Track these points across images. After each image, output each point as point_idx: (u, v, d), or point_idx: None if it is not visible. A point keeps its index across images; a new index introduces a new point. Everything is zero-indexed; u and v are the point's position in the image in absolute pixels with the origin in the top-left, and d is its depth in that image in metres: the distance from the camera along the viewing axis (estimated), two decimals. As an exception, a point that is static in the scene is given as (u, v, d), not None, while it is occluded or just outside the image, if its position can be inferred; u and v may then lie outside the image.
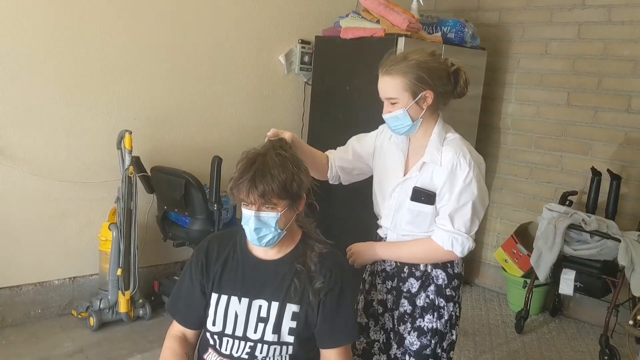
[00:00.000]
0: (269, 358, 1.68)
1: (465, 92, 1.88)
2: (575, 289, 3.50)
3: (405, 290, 1.96)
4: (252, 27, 3.93)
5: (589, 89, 3.90)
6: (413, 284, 1.94)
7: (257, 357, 1.68)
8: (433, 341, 1.94)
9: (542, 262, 3.50)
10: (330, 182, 2.10)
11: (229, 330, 1.70)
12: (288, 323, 1.67)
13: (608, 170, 3.63)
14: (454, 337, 1.98)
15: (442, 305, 1.93)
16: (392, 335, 2.01)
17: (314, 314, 1.69)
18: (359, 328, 2.03)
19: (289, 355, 1.69)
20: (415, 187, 1.86)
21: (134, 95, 3.49)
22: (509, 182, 4.37)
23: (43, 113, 3.20)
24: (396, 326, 1.98)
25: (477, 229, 1.88)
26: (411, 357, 1.95)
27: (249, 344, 1.68)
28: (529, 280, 3.82)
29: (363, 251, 2.01)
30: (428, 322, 1.93)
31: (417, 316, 1.94)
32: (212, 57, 3.78)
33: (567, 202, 3.70)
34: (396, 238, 1.96)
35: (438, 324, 1.93)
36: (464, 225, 1.83)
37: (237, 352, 1.69)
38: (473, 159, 1.83)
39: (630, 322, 3.15)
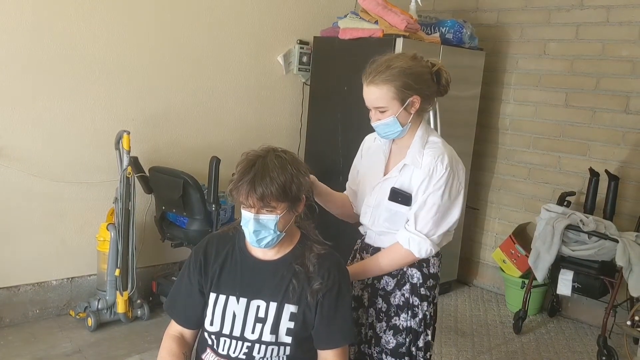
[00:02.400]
0: (267, 358, 1.68)
1: (448, 90, 1.91)
2: (573, 289, 3.50)
3: (380, 288, 1.98)
4: (251, 27, 3.93)
5: (587, 90, 3.90)
6: (388, 282, 1.97)
7: (254, 357, 1.68)
8: (408, 340, 1.96)
9: (540, 263, 3.51)
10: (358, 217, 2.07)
11: (226, 330, 1.70)
12: (286, 323, 1.68)
13: (606, 170, 3.64)
14: (429, 337, 2.00)
15: (416, 304, 1.95)
16: (364, 330, 2.02)
17: (312, 315, 1.69)
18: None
19: (287, 355, 1.69)
20: (393, 187, 1.89)
21: (132, 95, 3.49)
22: (507, 183, 4.37)
23: (42, 113, 3.20)
24: (374, 322, 2.00)
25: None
26: (388, 356, 1.97)
27: (246, 344, 1.68)
28: (527, 281, 3.82)
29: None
30: (403, 320, 1.95)
31: (393, 314, 1.97)
32: (210, 57, 3.78)
33: (565, 203, 3.70)
34: (375, 236, 1.99)
35: (412, 323, 1.95)
36: (426, 227, 1.84)
37: (234, 353, 1.69)
38: (451, 164, 1.84)
39: (628, 323, 3.16)
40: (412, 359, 1.98)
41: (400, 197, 1.87)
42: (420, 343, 1.98)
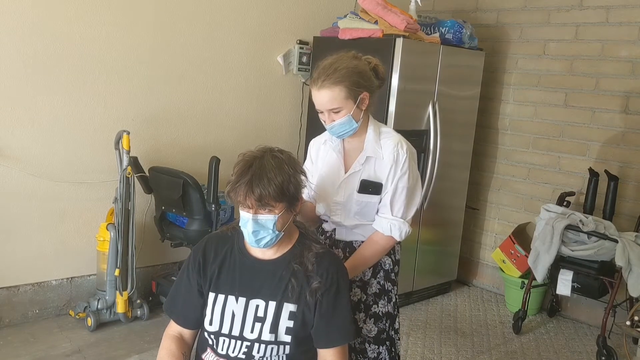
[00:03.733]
0: (266, 358, 1.68)
1: (384, 84, 2.03)
2: (573, 289, 3.50)
3: (357, 279, 2.04)
4: (251, 27, 3.93)
5: (587, 90, 3.91)
6: (366, 272, 2.05)
7: (254, 356, 1.68)
8: (387, 324, 2.09)
9: (540, 263, 3.51)
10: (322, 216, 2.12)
11: (225, 330, 1.70)
12: (285, 323, 1.68)
13: (605, 171, 3.64)
14: (399, 319, 2.18)
15: (390, 289, 2.09)
16: None
17: (311, 314, 1.69)
18: None
19: (286, 355, 1.70)
20: (363, 179, 1.97)
21: (132, 95, 3.50)
22: (507, 183, 4.38)
23: (41, 113, 3.20)
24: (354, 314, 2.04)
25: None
26: (371, 344, 2.05)
27: (245, 343, 1.68)
28: (526, 281, 3.82)
29: None
30: (382, 306, 2.06)
31: (371, 303, 2.06)
32: (210, 58, 3.79)
33: (564, 203, 3.71)
34: (346, 231, 2.05)
35: (389, 307, 2.09)
36: (400, 211, 1.97)
37: (233, 352, 1.69)
38: (409, 148, 1.99)
39: (628, 323, 3.16)
40: (392, 342, 2.10)
41: (371, 187, 1.97)
42: (397, 325, 2.14)
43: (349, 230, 2.04)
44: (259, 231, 1.64)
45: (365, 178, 1.97)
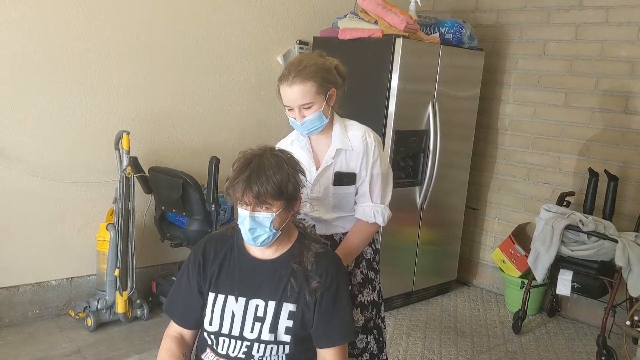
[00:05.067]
0: (266, 358, 1.68)
1: (345, 82, 2.08)
2: (573, 289, 3.50)
3: None
4: (250, 27, 3.94)
5: (587, 90, 3.91)
6: (349, 264, 2.07)
7: (253, 356, 1.68)
8: (373, 312, 2.13)
9: (540, 263, 3.51)
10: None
11: (225, 330, 1.70)
12: (285, 322, 1.68)
13: (605, 171, 3.64)
14: (384, 307, 2.23)
15: (373, 277, 2.15)
16: None
17: (311, 314, 1.69)
18: None
19: (286, 354, 1.70)
20: (337, 172, 2.02)
21: (131, 96, 3.50)
22: (507, 183, 4.38)
23: (41, 113, 3.20)
24: None
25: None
26: (359, 334, 2.09)
27: (245, 343, 1.68)
28: (526, 281, 3.82)
29: None
30: (367, 295, 2.11)
31: (357, 292, 2.09)
32: (209, 58, 3.79)
33: (564, 203, 3.71)
34: (325, 226, 2.09)
35: (374, 296, 2.14)
36: (379, 197, 2.05)
37: (233, 352, 1.69)
38: (375, 136, 2.06)
39: (628, 323, 3.16)
40: (379, 331, 2.15)
41: (345, 178, 2.02)
42: (382, 313, 2.19)
43: (328, 224, 2.08)
44: (255, 229, 1.64)
45: (338, 170, 2.02)
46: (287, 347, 1.69)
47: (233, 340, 1.70)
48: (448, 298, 4.28)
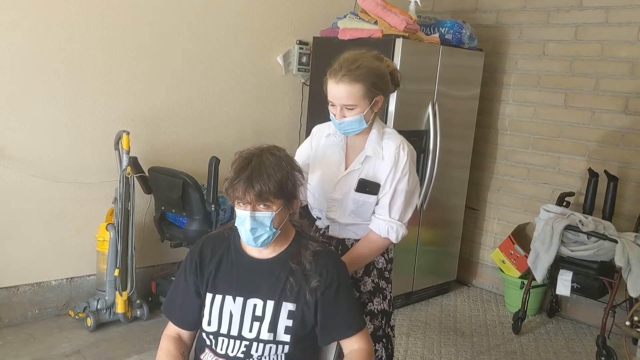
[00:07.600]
0: (265, 357, 1.68)
1: (397, 89, 2.03)
2: (573, 289, 3.50)
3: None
4: (250, 27, 3.94)
5: (586, 90, 3.91)
6: (358, 271, 2.06)
7: (252, 356, 1.68)
8: (383, 322, 2.11)
9: (540, 263, 3.51)
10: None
11: (224, 330, 1.70)
12: (284, 322, 1.68)
13: (605, 171, 3.64)
14: (394, 316, 2.20)
15: (384, 287, 2.12)
16: None
17: (311, 313, 1.69)
18: None
19: (285, 354, 1.69)
20: (361, 178, 1.97)
21: (131, 96, 3.50)
22: (507, 183, 4.38)
23: (41, 113, 3.20)
24: None
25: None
26: None
27: (244, 343, 1.68)
28: (526, 281, 3.82)
29: None
30: (377, 304, 2.08)
31: (367, 300, 2.07)
32: (209, 58, 3.79)
33: (564, 203, 3.71)
34: (339, 228, 2.06)
35: (384, 305, 2.11)
36: (398, 214, 1.97)
37: (232, 352, 1.69)
38: (410, 151, 1.98)
39: (627, 323, 3.16)
40: (388, 339, 2.12)
41: (368, 187, 1.96)
42: (392, 322, 2.16)
43: (342, 227, 2.05)
44: (256, 229, 1.64)
45: (364, 177, 1.97)
46: (286, 346, 1.69)
47: (232, 340, 1.70)
48: (448, 298, 4.28)
